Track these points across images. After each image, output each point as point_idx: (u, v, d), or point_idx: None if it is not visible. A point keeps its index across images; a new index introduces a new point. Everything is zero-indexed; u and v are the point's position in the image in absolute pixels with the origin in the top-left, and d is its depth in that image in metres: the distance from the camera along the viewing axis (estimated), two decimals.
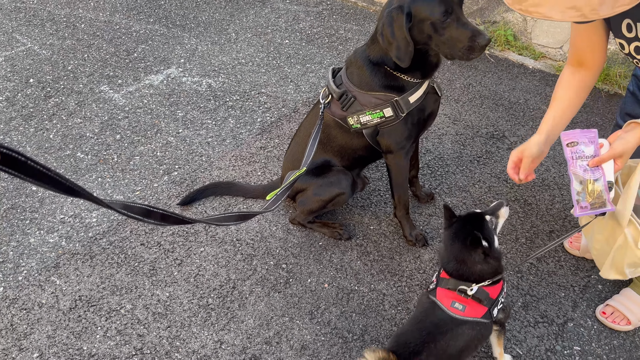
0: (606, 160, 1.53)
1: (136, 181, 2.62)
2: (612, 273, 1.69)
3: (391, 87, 1.96)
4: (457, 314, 1.55)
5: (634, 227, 1.56)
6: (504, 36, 3.80)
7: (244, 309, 2.05)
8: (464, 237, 1.57)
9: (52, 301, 2.08)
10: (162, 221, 1.08)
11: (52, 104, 3.13)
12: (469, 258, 1.58)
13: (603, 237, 1.67)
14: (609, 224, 1.63)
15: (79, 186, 0.90)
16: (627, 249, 1.58)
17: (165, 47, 3.69)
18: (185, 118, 3.05)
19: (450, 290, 1.59)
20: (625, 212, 1.56)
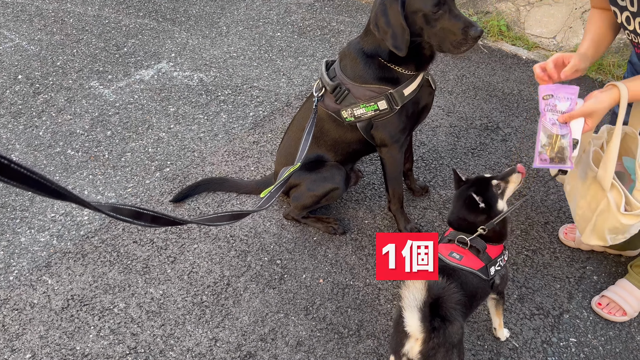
0: (576, 117, 1.51)
1: (128, 178, 2.59)
2: (593, 238, 1.67)
3: (385, 80, 1.93)
4: (454, 262, 1.62)
5: (616, 192, 1.54)
6: (497, 27, 3.78)
7: (239, 305, 2.04)
8: (464, 198, 1.70)
9: (44, 301, 2.05)
10: (153, 223, 1.06)
11: (41, 100, 3.08)
12: (469, 215, 1.69)
13: (586, 202, 1.65)
14: (592, 189, 1.60)
15: (65, 189, 0.88)
16: (609, 214, 1.56)
17: (156, 42, 3.65)
18: (176, 113, 3.01)
19: (450, 243, 1.68)
20: (607, 176, 1.53)
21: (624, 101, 1.46)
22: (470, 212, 1.69)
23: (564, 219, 2.40)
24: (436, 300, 1.37)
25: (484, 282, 1.65)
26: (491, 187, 1.70)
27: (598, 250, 2.25)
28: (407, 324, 1.40)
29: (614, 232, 1.59)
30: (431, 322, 1.39)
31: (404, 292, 1.39)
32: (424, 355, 1.43)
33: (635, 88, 1.46)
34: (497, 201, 1.69)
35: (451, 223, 1.76)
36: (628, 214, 1.51)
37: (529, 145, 2.82)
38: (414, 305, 1.36)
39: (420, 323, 1.38)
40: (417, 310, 1.36)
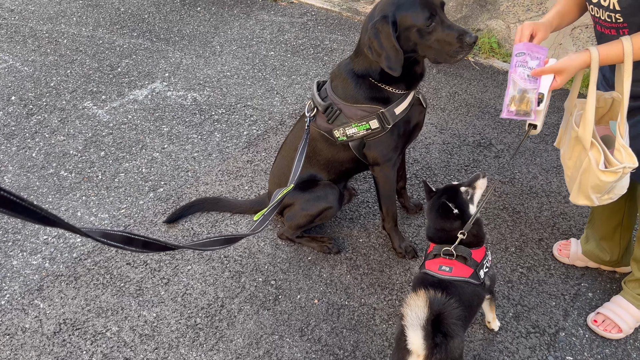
0: (547, 72, 1.57)
1: (121, 199, 2.58)
2: (580, 198, 1.72)
3: (377, 99, 1.95)
4: (446, 274, 1.67)
5: (595, 150, 1.61)
6: (488, 44, 3.82)
7: (233, 327, 2.02)
8: (437, 207, 1.77)
9: (36, 325, 2.03)
10: (145, 248, 1.05)
11: (34, 121, 3.08)
12: (445, 224, 1.75)
13: (572, 162, 1.72)
14: (576, 149, 1.68)
15: (54, 215, 0.87)
16: (590, 172, 1.62)
17: (150, 62, 3.66)
18: (170, 133, 3.02)
19: (436, 258, 1.73)
20: (586, 135, 1.61)
21: (594, 63, 1.54)
22: (445, 220, 1.75)
23: (558, 236, 2.40)
24: (437, 316, 1.39)
25: (478, 287, 1.70)
26: (461, 194, 1.78)
27: (592, 267, 2.25)
28: (410, 342, 1.42)
29: (597, 191, 1.65)
30: (433, 338, 1.40)
31: (405, 311, 1.41)
32: None
33: (606, 52, 1.53)
34: (468, 206, 1.77)
35: (431, 238, 1.82)
36: (607, 170, 1.58)
37: (521, 161, 2.83)
38: (416, 323, 1.39)
39: (423, 341, 1.40)
40: (420, 328, 1.39)
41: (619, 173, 1.57)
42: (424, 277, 1.72)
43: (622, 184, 1.67)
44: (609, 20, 1.60)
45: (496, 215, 2.51)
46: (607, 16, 1.59)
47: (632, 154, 1.57)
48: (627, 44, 1.49)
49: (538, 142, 2.96)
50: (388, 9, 1.79)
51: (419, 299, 1.40)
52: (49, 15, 4.18)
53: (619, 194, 1.69)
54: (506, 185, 2.68)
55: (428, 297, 1.40)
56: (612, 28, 1.62)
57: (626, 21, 1.56)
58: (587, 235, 2.18)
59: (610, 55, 1.53)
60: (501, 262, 2.28)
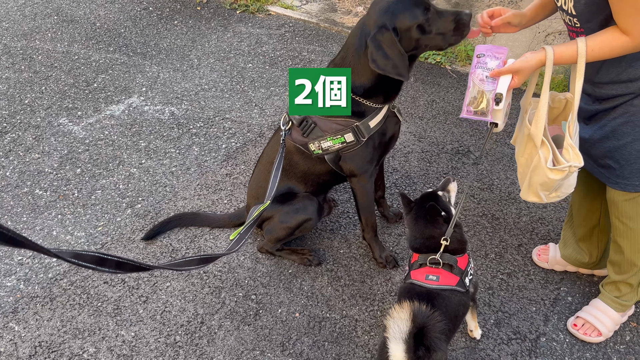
0: (504, 73, 1.61)
1: (98, 216, 2.55)
2: (530, 195, 1.75)
3: (352, 113, 1.95)
4: (433, 284, 1.66)
5: (545, 148, 1.64)
6: (464, 52, 3.87)
7: (213, 344, 1.99)
8: (424, 212, 1.76)
9: (11, 349, 1.98)
10: (118, 269, 1.03)
11: (8, 139, 3.03)
12: (432, 229, 1.75)
13: (524, 159, 1.74)
14: (528, 147, 1.71)
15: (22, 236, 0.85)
16: (539, 169, 1.65)
17: (126, 76, 3.63)
18: (148, 148, 2.99)
19: (422, 267, 1.72)
20: (538, 133, 1.64)
21: (549, 62, 1.57)
22: (434, 226, 1.75)
23: (537, 241, 2.42)
24: (420, 329, 1.38)
25: (464, 296, 1.70)
26: (441, 198, 1.82)
27: (571, 271, 2.27)
28: (392, 354, 1.41)
29: (545, 188, 1.68)
30: (415, 352, 1.39)
31: (388, 323, 1.40)
32: None
33: (560, 52, 1.56)
34: (451, 209, 1.81)
35: (417, 248, 1.80)
36: (554, 168, 1.61)
37: (499, 167, 2.86)
38: (398, 336, 1.38)
39: (405, 354, 1.39)
40: (402, 341, 1.38)
41: (565, 171, 1.61)
42: (410, 288, 1.70)
43: (570, 183, 1.70)
44: (570, 24, 1.64)
45: (476, 222, 2.52)
46: (569, 20, 1.63)
47: (579, 153, 1.61)
48: (581, 45, 1.52)
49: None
50: (383, 19, 1.79)
51: (403, 312, 1.39)
52: (23, 31, 4.12)
53: (566, 193, 1.73)
54: (485, 192, 2.70)
55: (412, 309, 1.39)
56: (573, 32, 1.66)
57: (582, 26, 1.59)
58: (564, 239, 2.20)
59: (565, 56, 1.56)
60: (481, 269, 2.28)
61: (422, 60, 3.87)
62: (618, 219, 1.84)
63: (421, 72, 3.73)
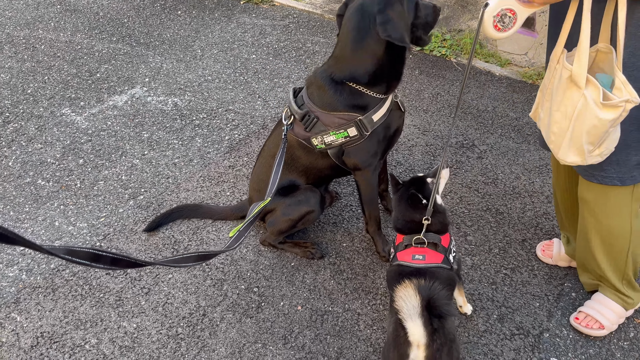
0: None
1: (100, 207, 2.54)
2: (572, 151, 1.57)
3: (354, 107, 1.93)
4: (420, 263, 1.70)
5: (592, 86, 1.47)
6: (470, 44, 3.83)
7: (215, 337, 1.99)
8: (407, 198, 1.80)
9: (13, 339, 1.98)
10: (113, 265, 1.02)
11: (10, 129, 3.02)
12: (414, 214, 1.79)
13: (562, 112, 1.57)
14: (568, 94, 1.53)
15: (14, 233, 0.84)
16: (586, 112, 1.47)
17: (129, 67, 3.61)
18: (150, 139, 2.97)
19: (407, 248, 1.76)
20: (581, 71, 1.47)
21: None
22: (415, 211, 1.79)
23: (541, 236, 2.40)
24: (428, 302, 1.41)
25: (450, 272, 1.75)
26: (427, 185, 1.84)
27: (575, 267, 2.25)
28: (411, 332, 1.43)
29: (593, 137, 1.51)
30: (431, 324, 1.42)
31: (399, 304, 1.42)
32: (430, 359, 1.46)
33: None
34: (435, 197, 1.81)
35: (400, 229, 1.84)
36: (607, 104, 1.44)
37: (504, 162, 2.83)
38: (414, 312, 1.41)
39: (424, 328, 1.42)
40: (418, 316, 1.41)
41: (620, 107, 1.44)
42: (399, 269, 1.74)
43: (614, 137, 1.55)
44: None
45: (479, 217, 2.50)
46: None
47: (633, 90, 1.44)
48: None
49: (520, 142, 2.97)
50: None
51: (408, 289, 1.41)
52: (26, 20, 4.10)
53: (610, 150, 1.57)
54: (489, 186, 2.68)
55: (414, 284, 1.42)
56: None
57: None
58: (566, 236, 2.18)
59: None
60: (485, 264, 2.27)
61: (427, 52, 3.84)
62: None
63: (426, 65, 3.70)
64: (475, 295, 2.13)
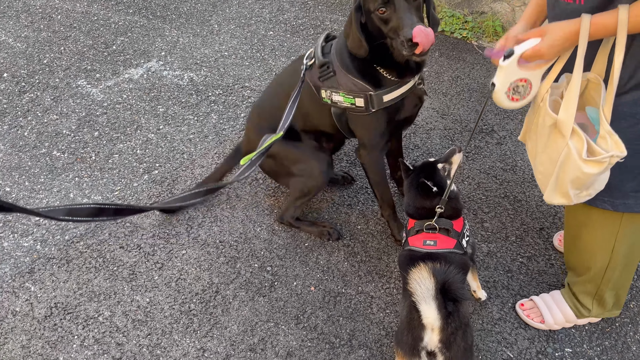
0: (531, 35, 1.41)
1: (115, 180, 2.53)
2: (557, 196, 1.53)
3: (369, 78, 1.88)
4: (431, 248, 1.68)
5: (577, 138, 1.42)
6: (492, 27, 3.74)
7: (228, 314, 1.98)
8: (417, 185, 1.78)
9: (27, 309, 1.99)
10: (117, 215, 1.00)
11: (26, 99, 3.01)
12: (425, 201, 1.77)
13: (547, 155, 1.52)
14: (552, 138, 1.49)
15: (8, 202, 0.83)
16: (570, 163, 1.43)
17: (146, 40, 3.57)
18: (166, 114, 2.95)
19: (419, 233, 1.74)
20: (568, 120, 1.41)
21: (583, 30, 1.32)
22: (425, 198, 1.77)
23: (559, 225, 2.36)
24: (442, 285, 1.39)
25: (464, 257, 1.72)
26: (438, 171, 1.81)
27: None
28: (425, 315, 1.42)
29: (577, 185, 1.47)
30: (445, 307, 1.41)
31: (413, 286, 1.41)
32: (444, 343, 1.45)
33: (600, 21, 1.31)
34: (446, 182, 1.79)
35: (411, 214, 1.83)
36: (591, 160, 1.39)
37: (524, 148, 2.78)
38: (428, 295, 1.39)
39: (438, 311, 1.40)
40: (433, 299, 1.39)
41: (605, 163, 1.39)
42: (410, 254, 1.72)
43: (603, 177, 1.49)
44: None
45: (497, 204, 2.46)
46: None
47: (619, 141, 1.38)
48: (622, 12, 1.28)
49: None
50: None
51: (423, 272, 1.39)
52: None
53: (598, 189, 1.51)
54: (507, 173, 2.63)
55: (429, 267, 1.40)
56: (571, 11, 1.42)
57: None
58: None
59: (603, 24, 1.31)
60: (501, 252, 2.24)
61: (447, 34, 3.76)
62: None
63: (446, 47, 3.63)
64: (491, 282, 2.11)
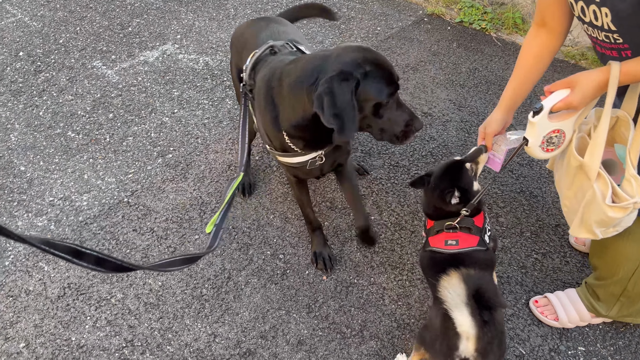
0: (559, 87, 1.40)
1: (129, 163, 2.53)
2: (583, 231, 1.53)
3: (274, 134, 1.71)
4: (453, 249, 1.59)
5: (602, 182, 1.41)
6: (512, 19, 3.68)
7: (239, 300, 1.98)
8: (443, 188, 1.65)
9: (40, 288, 2.00)
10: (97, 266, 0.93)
11: (42, 79, 3.00)
12: (450, 207, 1.65)
13: (572, 192, 1.52)
14: (577, 178, 1.48)
15: None
16: (595, 206, 1.42)
17: (161, 22, 3.55)
18: (181, 97, 2.94)
19: (439, 233, 1.66)
20: (593, 164, 1.41)
21: (613, 79, 1.32)
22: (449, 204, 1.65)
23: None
24: (476, 292, 1.32)
25: (488, 253, 1.64)
26: (466, 171, 1.68)
27: None
28: (459, 323, 1.34)
29: (602, 225, 1.47)
30: (481, 315, 1.33)
31: (443, 293, 1.34)
32: (481, 352, 1.38)
33: (630, 69, 1.31)
34: (472, 184, 1.68)
35: (430, 215, 1.73)
36: (615, 206, 1.39)
37: None
38: (459, 301, 1.32)
39: (471, 318, 1.32)
40: (465, 305, 1.32)
41: (628, 209, 1.38)
42: (432, 256, 1.66)
43: (631, 217, 1.48)
44: (607, 41, 1.40)
45: (513, 199, 2.44)
46: (605, 36, 1.40)
47: None
48: None
49: None
50: (350, 67, 1.46)
51: (452, 278, 1.34)
52: None
53: (625, 226, 1.50)
54: (524, 168, 2.60)
55: (460, 274, 1.34)
56: (612, 49, 1.42)
57: (627, 42, 1.35)
58: None
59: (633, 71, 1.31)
60: (515, 247, 2.22)
61: (466, 25, 3.70)
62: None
63: (464, 38, 3.57)
64: (504, 278, 2.09)
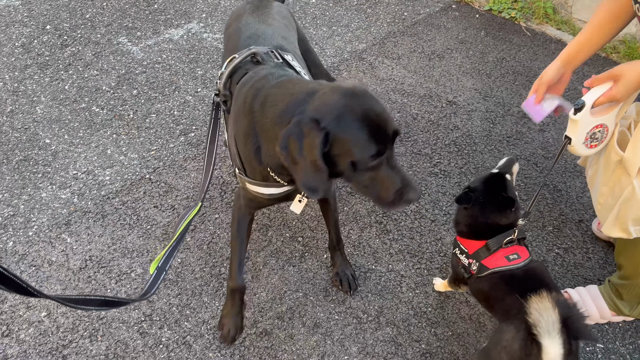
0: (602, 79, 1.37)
1: (152, 140, 2.54)
2: (616, 230, 1.49)
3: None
4: (517, 263, 1.53)
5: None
6: (542, 9, 3.60)
7: (257, 281, 1.99)
8: (494, 200, 1.59)
9: (62, 259, 2.03)
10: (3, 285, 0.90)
11: (68, 53, 3.02)
12: (503, 217, 1.60)
13: (608, 188, 1.48)
14: (616, 174, 1.44)
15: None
16: (634, 202, 1.39)
17: (187, 0, 3.54)
18: (204, 77, 2.93)
19: (495, 252, 1.57)
20: (635, 159, 1.37)
21: None
22: (503, 215, 1.59)
23: None
24: (565, 320, 1.25)
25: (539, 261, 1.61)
26: (509, 182, 1.66)
27: None
28: (547, 351, 1.26)
29: (639, 223, 1.44)
30: (570, 344, 1.26)
31: (535, 317, 1.26)
32: None
33: None
34: (516, 195, 1.63)
35: (477, 234, 1.62)
36: None
37: None
38: (553, 329, 1.24)
39: (563, 349, 1.25)
40: (558, 335, 1.24)
41: None
42: (502, 277, 1.54)
43: None
44: None
45: (535, 191, 2.40)
46: None
47: None
48: None
49: None
50: (325, 114, 1.24)
51: (545, 302, 1.25)
52: None
53: None
54: (549, 161, 2.56)
55: (551, 298, 1.26)
56: None
57: None
58: None
59: None
60: (537, 241, 2.19)
61: (495, 13, 3.63)
62: None
63: (493, 26, 3.50)
64: None
